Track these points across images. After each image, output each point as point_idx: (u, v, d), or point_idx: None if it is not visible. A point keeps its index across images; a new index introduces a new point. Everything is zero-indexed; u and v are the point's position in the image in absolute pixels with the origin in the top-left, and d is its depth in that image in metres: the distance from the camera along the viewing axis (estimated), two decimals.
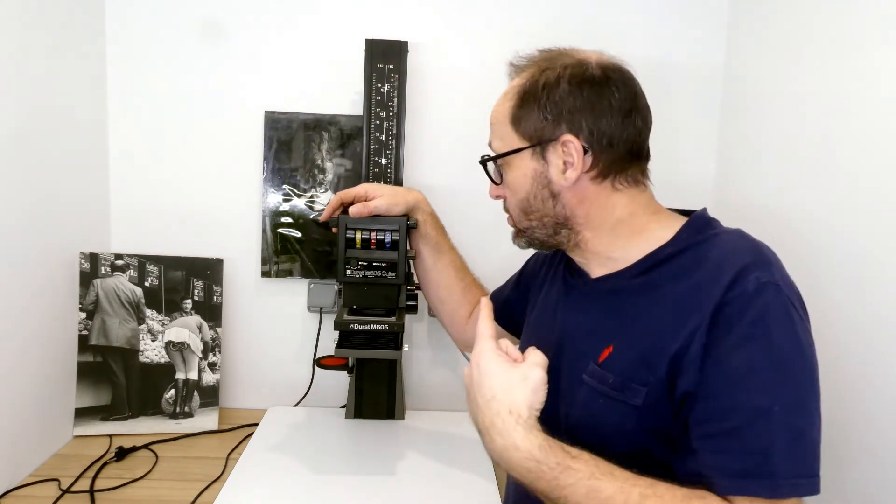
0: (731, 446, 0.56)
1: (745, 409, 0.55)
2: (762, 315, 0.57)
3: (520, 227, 0.75)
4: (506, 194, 0.76)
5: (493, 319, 0.68)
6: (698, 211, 0.71)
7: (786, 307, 0.58)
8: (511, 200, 0.75)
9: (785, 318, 0.57)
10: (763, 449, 0.54)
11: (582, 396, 0.67)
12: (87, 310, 1.14)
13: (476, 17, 1.24)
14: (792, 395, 0.56)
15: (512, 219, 0.77)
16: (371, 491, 0.94)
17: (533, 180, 0.70)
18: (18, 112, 0.96)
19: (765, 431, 0.55)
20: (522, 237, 0.76)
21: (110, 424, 1.14)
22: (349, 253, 0.96)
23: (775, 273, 0.59)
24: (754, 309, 0.57)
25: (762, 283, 0.58)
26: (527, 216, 0.73)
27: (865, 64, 0.85)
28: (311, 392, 1.28)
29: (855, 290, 0.85)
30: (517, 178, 0.72)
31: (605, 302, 0.70)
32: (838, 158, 0.89)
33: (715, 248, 0.64)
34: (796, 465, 0.54)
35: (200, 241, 1.25)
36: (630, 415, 0.62)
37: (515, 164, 0.72)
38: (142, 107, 1.23)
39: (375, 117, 1.15)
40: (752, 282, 0.58)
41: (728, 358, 0.57)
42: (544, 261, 0.91)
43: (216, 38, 1.22)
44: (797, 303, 0.59)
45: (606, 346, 0.66)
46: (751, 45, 1.16)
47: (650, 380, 0.61)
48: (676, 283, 0.63)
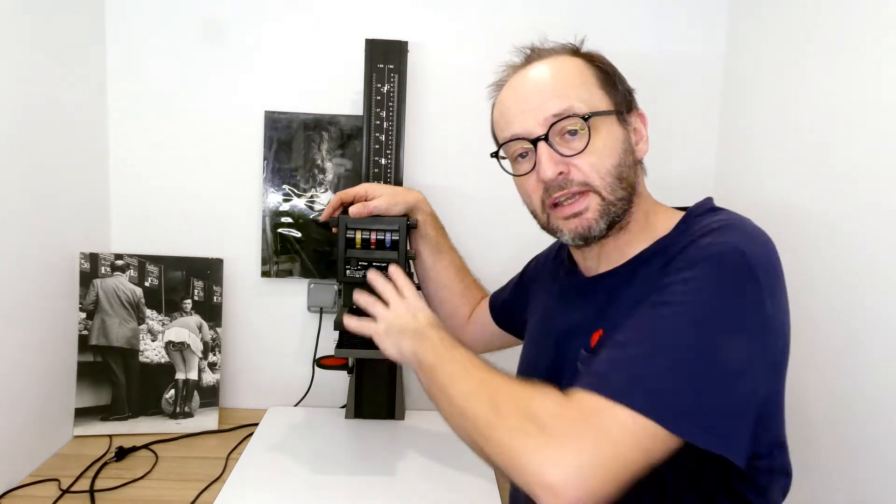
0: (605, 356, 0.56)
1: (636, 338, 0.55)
2: (703, 259, 0.57)
3: (610, 198, 0.66)
4: (578, 164, 0.66)
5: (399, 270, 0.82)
6: (693, 205, 0.70)
7: (738, 271, 0.55)
8: (601, 167, 0.65)
9: (731, 280, 0.55)
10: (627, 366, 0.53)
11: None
12: (87, 310, 1.14)
13: (476, 17, 1.23)
14: (702, 345, 0.53)
15: (593, 192, 0.66)
16: (371, 491, 0.94)
17: (624, 145, 0.68)
18: (18, 112, 0.96)
19: (645, 356, 0.53)
20: (606, 216, 0.66)
21: (110, 424, 1.14)
22: (349, 253, 0.96)
23: (743, 242, 0.58)
24: (696, 255, 0.58)
25: (716, 243, 0.58)
26: (620, 184, 0.66)
27: (865, 59, 0.85)
28: (311, 392, 1.28)
29: (855, 285, 0.85)
30: (609, 142, 0.66)
31: (597, 296, 0.70)
32: (838, 154, 0.89)
33: (697, 226, 0.64)
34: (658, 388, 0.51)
35: (200, 241, 1.25)
36: None
37: (606, 128, 0.67)
38: (142, 107, 1.23)
39: (375, 117, 1.15)
40: (718, 244, 0.58)
41: (651, 304, 0.57)
42: (545, 263, 0.91)
43: (216, 38, 1.22)
44: (762, 276, 0.56)
45: (596, 332, 0.67)
46: (751, 40, 1.16)
47: None
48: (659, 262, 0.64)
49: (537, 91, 0.67)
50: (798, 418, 0.58)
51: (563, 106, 0.65)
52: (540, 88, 0.67)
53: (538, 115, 0.66)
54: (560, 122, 0.65)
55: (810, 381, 0.89)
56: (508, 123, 0.69)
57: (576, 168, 0.66)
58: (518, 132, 0.68)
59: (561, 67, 0.68)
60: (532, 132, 0.67)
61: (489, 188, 1.25)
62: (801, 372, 0.61)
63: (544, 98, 0.66)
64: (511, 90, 0.71)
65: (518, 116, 0.68)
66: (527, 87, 0.69)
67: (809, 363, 0.89)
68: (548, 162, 0.65)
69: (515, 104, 0.69)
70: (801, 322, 0.71)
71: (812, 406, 0.89)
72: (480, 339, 1.05)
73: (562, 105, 0.65)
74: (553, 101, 0.66)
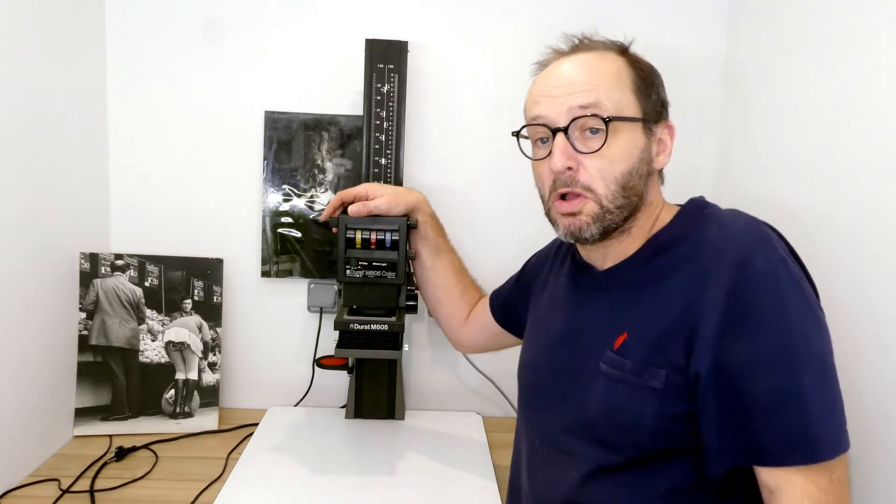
0: (767, 426, 0.57)
1: (777, 391, 0.56)
2: (777, 293, 0.58)
3: (608, 206, 0.66)
4: (587, 165, 0.66)
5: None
6: (693, 198, 0.72)
7: (797, 281, 0.59)
8: (608, 173, 0.66)
9: (798, 292, 0.58)
10: (801, 426, 0.56)
11: (600, 387, 0.67)
12: (87, 310, 1.14)
13: (476, 17, 1.23)
14: (819, 369, 0.57)
15: (592, 199, 0.67)
16: (371, 491, 0.94)
17: (641, 154, 0.68)
18: (18, 112, 0.96)
19: (799, 409, 0.56)
20: (600, 223, 0.67)
21: (110, 424, 1.14)
22: (349, 253, 0.96)
23: (779, 249, 0.60)
24: (767, 288, 0.58)
25: (771, 261, 0.59)
26: (623, 192, 0.66)
27: (866, 58, 0.85)
28: (311, 392, 1.28)
29: (856, 283, 0.85)
30: (626, 149, 0.66)
31: (615, 293, 0.70)
32: (839, 152, 0.89)
33: (714, 229, 0.65)
34: (833, 438, 0.56)
35: (200, 241, 1.24)
36: (651, 398, 0.62)
37: (627, 134, 0.67)
38: (142, 107, 1.23)
39: (375, 117, 1.15)
40: (760, 261, 0.59)
41: (751, 341, 0.58)
42: (546, 259, 0.91)
43: (216, 38, 1.22)
44: (800, 274, 0.60)
45: (620, 334, 0.66)
46: (752, 38, 1.16)
47: (667, 363, 0.61)
48: (683, 267, 0.64)
49: (570, 81, 0.67)
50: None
51: (589, 100, 0.65)
52: (573, 79, 0.67)
53: (564, 104, 0.67)
54: (583, 117, 0.66)
55: None
56: (536, 104, 0.70)
57: (584, 169, 0.67)
58: (543, 115, 0.69)
59: (601, 63, 0.68)
60: (555, 121, 0.67)
61: (489, 188, 1.25)
62: None
63: (575, 88, 0.66)
64: (547, 73, 0.71)
65: (546, 100, 0.69)
66: (562, 74, 0.69)
67: None
68: (560, 154, 0.66)
69: (547, 88, 0.69)
70: None
71: None
72: (479, 340, 1.05)
73: (588, 99, 0.65)
74: (582, 93, 0.66)
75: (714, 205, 0.70)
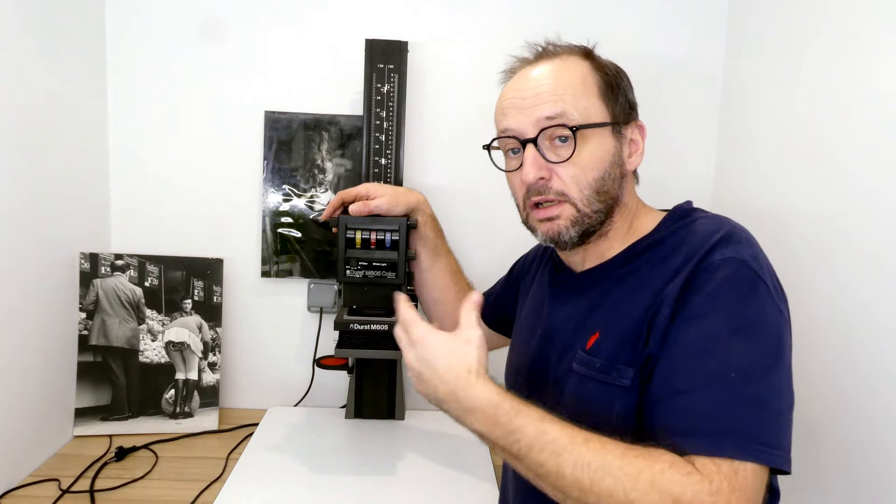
0: (680, 405, 0.56)
1: (699, 374, 0.56)
2: (723, 285, 0.58)
3: (585, 211, 0.67)
4: (560, 173, 0.67)
5: (407, 306, 0.70)
6: (679, 204, 0.72)
7: (750, 279, 0.58)
8: (581, 179, 0.67)
9: (748, 288, 0.58)
10: (717, 411, 0.54)
11: (571, 385, 0.68)
12: (87, 310, 1.14)
13: (476, 17, 1.23)
14: (751, 364, 0.55)
15: (569, 203, 0.68)
16: (371, 491, 0.94)
17: (612, 157, 0.68)
18: (18, 112, 0.96)
19: (719, 395, 0.54)
20: (578, 226, 0.68)
21: (110, 424, 1.14)
22: (349, 253, 0.96)
23: (743, 250, 0.60)
24: (715, 280, 0.59)
25: (726, 258, 0.59)
26: (598, 197, 0.67)
27: (865, 63, 0.85)
28: (311, 392, 1.28)
29: (854, 288, 0.85)
30: (595, 155, 0.67)
31: (590, 293, 0.71)
32: (837, 157, 0.89)
33: (692, 234, 0.65)
34: (756, 431, 0.53)
35: (200, 241, 1.25)
36: (617, 395, 0.63)
37: (596, 140, 0.67)
38: (142, 107, 1.23)
39: (375, 117, 1.15)
40: (717, 255, 0.60)
41: (687, 326, 0.58)
42: (532, 260, 0.92)
43: (216, 38, 1.22)
44: (767, 278, 0.59)
45: (593, 334, 0.67)
46: (750, 43, 1.16)
47: (635, 360, 0.62)
48: (655, 268, 0.65)
49: (536, 92, 0.68)
50: (798, 420, 0.58)
51: (556, 111, 0.66)
52: (539, 89, 0.68)
53: (532, 115, 0.67)
54: (550, 127, 0.67)
55: (809, 384, 0.89)
56: (504, 116, 0.71)
57: (557, 177, 0.67)
58: (511, 128, 0.70)
59: (565, 71, 0.69)
60: (524, 132, 0.68)
61: (489, 188, 1.24)
62: (800, 374, 0.61)
63: (541, 99, 0.67)
64: (514, 84, 0.72)
65: (513, 111, 0.69)
66: (528, 85, 0.69)
67: (808, 365, 0.89)
68: (531, 166, 0.67)
69: (513, 100, 0.70)
70: (801, 324, 0.72)
71: (812, 408, 0.89)
72: None
73: (555, 110, 0.66)
74: (548, 104, 0.67)
75: (700, 210, 0.70)
